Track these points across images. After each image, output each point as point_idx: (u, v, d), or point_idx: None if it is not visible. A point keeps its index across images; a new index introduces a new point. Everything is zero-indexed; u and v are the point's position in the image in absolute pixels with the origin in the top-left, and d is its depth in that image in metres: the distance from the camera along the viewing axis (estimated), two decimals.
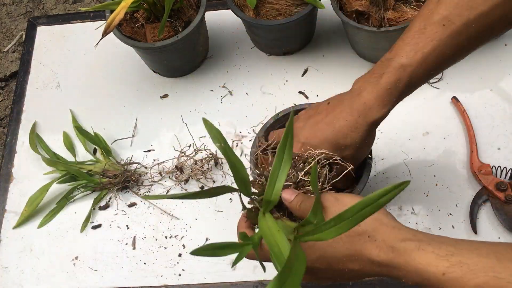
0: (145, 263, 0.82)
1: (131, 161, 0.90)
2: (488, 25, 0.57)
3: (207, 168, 0.87)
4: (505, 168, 0.80)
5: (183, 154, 0.88)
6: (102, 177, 0.87)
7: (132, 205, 0.87)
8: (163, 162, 0.89)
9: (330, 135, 0.61)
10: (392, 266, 0.48)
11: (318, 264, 0.52)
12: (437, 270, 0.45)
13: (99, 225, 0.86)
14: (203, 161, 0.87)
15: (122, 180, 0.86)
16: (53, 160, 0.90)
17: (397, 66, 0.58)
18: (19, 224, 0.87)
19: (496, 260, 0.45)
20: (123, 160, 0.90)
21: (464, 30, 0.56)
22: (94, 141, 0.91)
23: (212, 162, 0.87)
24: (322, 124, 0.62)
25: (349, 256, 0.50)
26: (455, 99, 0.87)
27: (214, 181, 0.86)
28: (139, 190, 0.88)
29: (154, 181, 0.88)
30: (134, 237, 0.84)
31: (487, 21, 0.56)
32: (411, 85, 0.59)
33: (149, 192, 0.87)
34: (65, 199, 0.87)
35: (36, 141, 0.94)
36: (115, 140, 0.93)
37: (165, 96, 0.97)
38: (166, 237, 0.83)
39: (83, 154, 0.92)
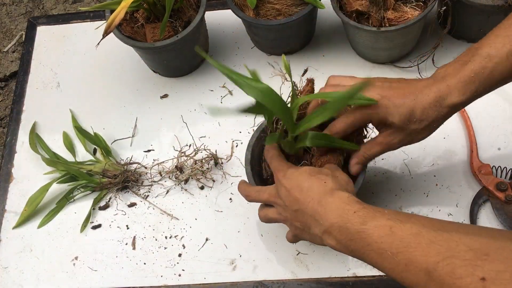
0: (145, 263, 0.82)
1: (131, 161, 0.90)
2: None
3: (207, 168, 0.87)
4: (505, 168, 0.80)
5: (183, 154, 0.88)
6: (102, 177, 0.87)
7: (132, 205, 0.87)
8: (163, 162, 0.89)
9: (411, 102, 0.61)
10: (321, 205, 0.57)
11: (286, 183, 0.62)
12: (351, 208, 0.55)
13: (99, 225, 0.86)
14: (203, 161, 0.86)
15: (122, 180, 0.86)
16: (53, 160, 0.90)
17: (483, 54, 0.58)
18: (19, 224, 0.87)
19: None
20: (123, 160, 0.90)
21: None
22: (94, 141, 0.91)
23: (212, 162, 0.87)
24: (404, 90, 0.62)
25: (304, 189, 0.59)
26: None
27: (214, 181, 0.86)
28: (139, 190, 0.88)
29: (154, 181, 0.88)
30: (134, 237, 0.84)
31: None
32: (494, 78, 0.59)
33: (149, 192, 0.87)
34: (65, 199, 0.87)
35: (36, 141, 0.94)
36: (115, 140, 0.93)
37: (165, 96, 0.97)
38: (166, 237, 0.83)
39: (83, 154, 0.92)
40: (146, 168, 0.89)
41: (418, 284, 0.47)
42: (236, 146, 0.89)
